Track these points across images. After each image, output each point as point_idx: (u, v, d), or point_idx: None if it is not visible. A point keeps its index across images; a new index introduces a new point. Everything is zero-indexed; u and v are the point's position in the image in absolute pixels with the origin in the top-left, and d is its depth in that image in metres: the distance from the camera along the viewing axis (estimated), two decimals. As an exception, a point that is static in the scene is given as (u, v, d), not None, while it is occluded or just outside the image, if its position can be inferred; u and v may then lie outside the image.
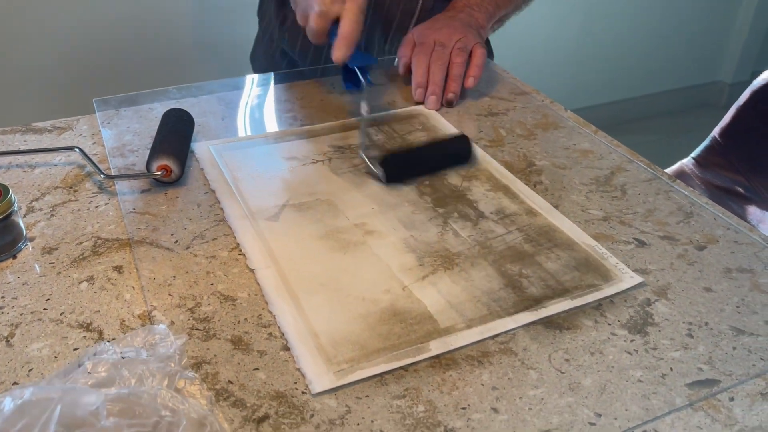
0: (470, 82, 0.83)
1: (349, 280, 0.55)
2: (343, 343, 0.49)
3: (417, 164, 0.69)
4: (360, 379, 0.46)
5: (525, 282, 0.55)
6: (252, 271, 0.56)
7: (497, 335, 0.50)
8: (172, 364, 0.42)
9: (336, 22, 0.73)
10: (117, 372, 0.40)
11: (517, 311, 0.52)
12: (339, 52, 0.73)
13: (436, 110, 0.82)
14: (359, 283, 0.55)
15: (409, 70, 0.85)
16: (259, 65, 1.13)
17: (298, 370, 0.47)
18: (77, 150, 0.68)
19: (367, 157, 0.69)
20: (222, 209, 0.63)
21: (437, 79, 0.82)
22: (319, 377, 0.46)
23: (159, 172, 0.64)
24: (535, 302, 0.53)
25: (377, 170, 0.68)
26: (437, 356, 0.49)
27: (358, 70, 0.76)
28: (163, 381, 0.41)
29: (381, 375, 0.47)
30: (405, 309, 0.52)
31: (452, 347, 0.49)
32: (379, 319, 0.51)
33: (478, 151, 0.73)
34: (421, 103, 0.83)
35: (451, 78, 0.83)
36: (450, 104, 0.83)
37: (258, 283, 0.54)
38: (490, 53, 1.08)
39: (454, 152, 0.71)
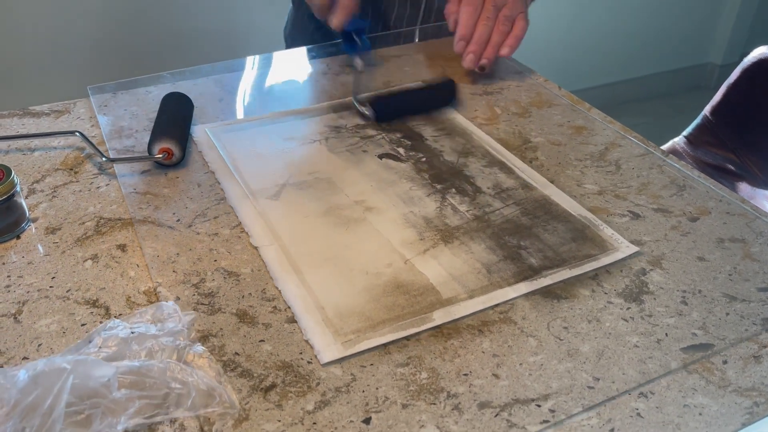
0: (506, 51, 0.82)
1: (352, 255, 0.56)
2: (349, 315, 0.50)
3: (404, 105, 0.76)
4: (367, 348, 0.47)
5: (524, 253, 0.56)
6: (255, 248, 0.56)
7: (498, 305, 0.52)
8: (182, 339, 0.43)
9: None
10: (127, 346, 0.41)
11: (517, 281, 0.54)
12: (336, 20, 0.80)
13: (471, 69, 0.83)
14: (362, 258, 0.56)
15: (457, 17, 0.84)
16: (295, 43, 1.14)
17: (307, 341, 0.48)
18: (78, 134, 0.68)
19: (358, 102, 0.76)
20: (222, 190, 0.64)
21: (482, 39, 0.81)
22: (328, 348, 0.47)
23: (160, 155, 0.65)
24: (534, 272, 0.54)
25: (368, 111, 0.74)
26: (440, 326, 0.50)
27: (354, 33, 0.82)
28: (173, 355, 0.42)
29: (385, 345, 0.48)
30: (408, 281, 0.53)
31: (455, 317, 0.50)
32: (383, 291, 0.52)
33: (466, 106, 0.75)
34: (460, 55, 0.83)
35: (490, 44, 0.82)
36: (483, 69, 0.82)
37: (261, 259, 0.55)
38: None
39: (440, 95, 0.78)
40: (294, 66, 0.90)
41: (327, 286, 0.53)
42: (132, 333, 0.41)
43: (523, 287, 0.53)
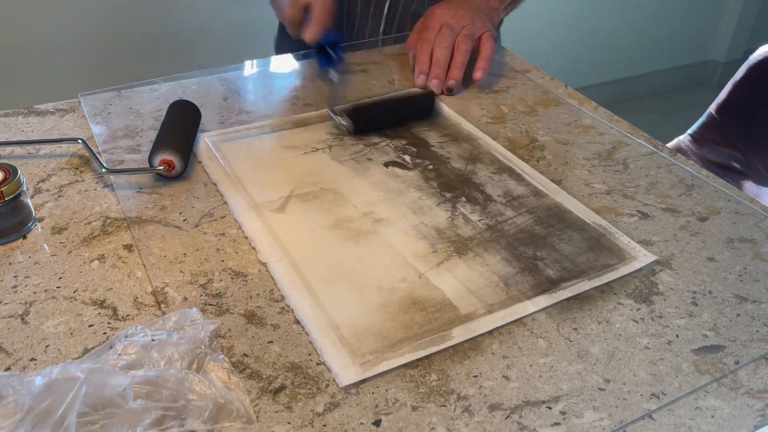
0: (479, 75, 0.81)
1: (364, 270, 0.55)
2: (365, 334, 0.49)
3: (381, 116, 0.75)
4: (387, 369, 0.46)
5: (541, 265, 0.55)
6: (264, 264, 0.55)
7: (519, 319, 0.50)
8: (203, 347, 0.42)
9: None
10: (146, 354, 0.41)
11: (536, 294, 0.52)
12: (309, 33, 0.79)
13: (438, 94, 0.81)
14: (375, 273, 0.54)
15: (415, 55, 0.84)
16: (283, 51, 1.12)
17: (323, 363, 0.46)
18: (80, 141, 0.67)
19: (334, 112, 0.74)
20: (226, 203, 0.62)
21: (441, 62, 0.80)
22: (346, 370, 0.46)
23: (161, 167, 0.63)
24: (553, 285, 0.53)
25: (345, 122, 0.72)
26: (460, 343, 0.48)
27: (329, 47, 0.81)
28: (193, 364, 0.42)
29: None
30: (424, 297, 0.52)
31: (476, 333, 0.49)
32: (399, 308, 0.51)
33: (464, 122, 0.74)
34: (423, 88, 0.82)
35: (453, 65, 0.80)
36: (450, 92, 0.81)
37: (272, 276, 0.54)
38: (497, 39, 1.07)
39: (419, 107, 0.77)
40: (293, 71, 0.89)
41: (341, 303, 0.51)
42: (152, 340, 0.41)
43: (543, 300, 0.52)
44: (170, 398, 0.37)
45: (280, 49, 1.13)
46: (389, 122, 0.75)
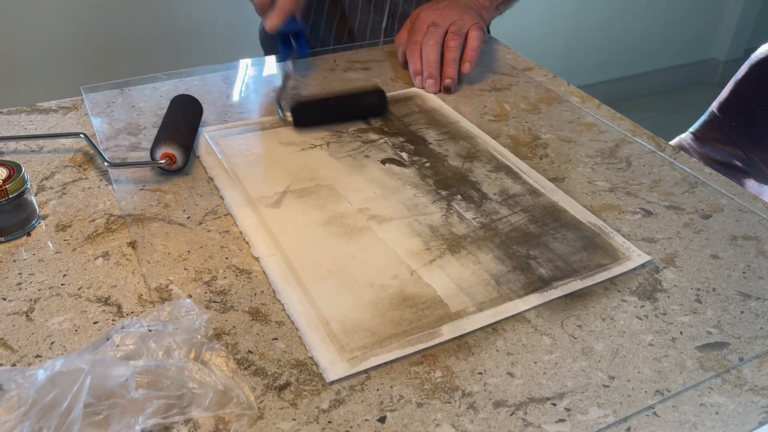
0: (466, 67, 0.81)
1: (357, 266, 0.54)
2: (354, 330, 0.49)
3: (326, 112, 0.74)
4: (374, 365, 0.46)
5: (533, 263, 0.55)
6: (257, 259, 0.55)
7: (509, 318, 0.50)
8: (199, 336, 0.43)
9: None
10: (144, 344, 0.41)
11: (527, 293, 0.52)
12: (271, 21, 0.77)
13: (436, 93, 0.81)
14: (367, 269, 0.54)
15: (407, 58, 0.84)
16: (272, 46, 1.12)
17: (311, 358, 0.46)
18: (83, 136, 0.67)
19: (281, 106, 0.74)
20: (222, 197, 0.62)
21: (431, 60, 0.80)
22: (333, 365, 0.46)
23: (163, 161, 0.63)
24: (545, 284, 0.53)
25: (288, 115, 0.72)
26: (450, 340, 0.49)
27: (291, 36, 0.80)
28: (190, 353, 0.42)
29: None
30: (415, 294, 0.52)
31: (464, 331, 0.49)
32: (389, 305, 0.51)
33: (473, 127, 0.74)
34: (422, 88, 0.82)
35: (446, 63, 0.81)
36: (448, 90, 0.81)
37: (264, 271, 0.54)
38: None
39: (367, 104, 0.75)
40: (295, 70, 0.89)
41: (331, 299, 0.51)
42: (149, 331, 0.41)
43: (534, 299, 0.52)
44: (171, 387, 0.38)
45: (264, 40, 1.13)
46: (334, 118, 0.74)
